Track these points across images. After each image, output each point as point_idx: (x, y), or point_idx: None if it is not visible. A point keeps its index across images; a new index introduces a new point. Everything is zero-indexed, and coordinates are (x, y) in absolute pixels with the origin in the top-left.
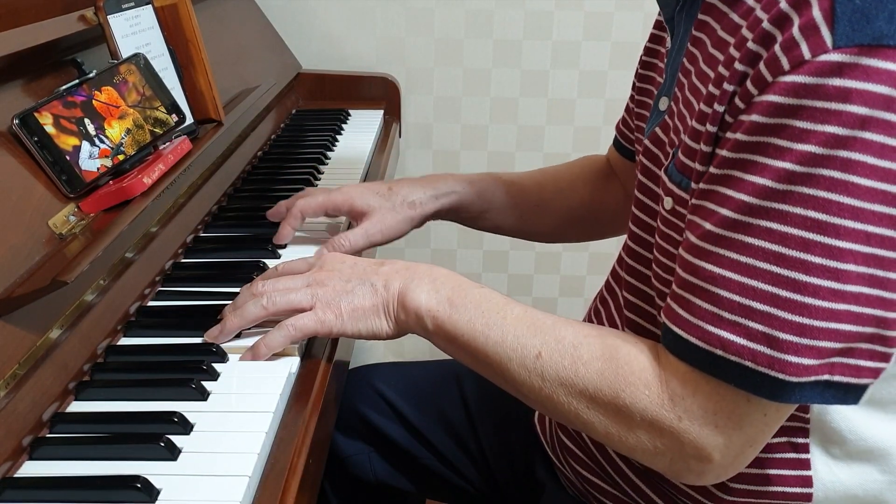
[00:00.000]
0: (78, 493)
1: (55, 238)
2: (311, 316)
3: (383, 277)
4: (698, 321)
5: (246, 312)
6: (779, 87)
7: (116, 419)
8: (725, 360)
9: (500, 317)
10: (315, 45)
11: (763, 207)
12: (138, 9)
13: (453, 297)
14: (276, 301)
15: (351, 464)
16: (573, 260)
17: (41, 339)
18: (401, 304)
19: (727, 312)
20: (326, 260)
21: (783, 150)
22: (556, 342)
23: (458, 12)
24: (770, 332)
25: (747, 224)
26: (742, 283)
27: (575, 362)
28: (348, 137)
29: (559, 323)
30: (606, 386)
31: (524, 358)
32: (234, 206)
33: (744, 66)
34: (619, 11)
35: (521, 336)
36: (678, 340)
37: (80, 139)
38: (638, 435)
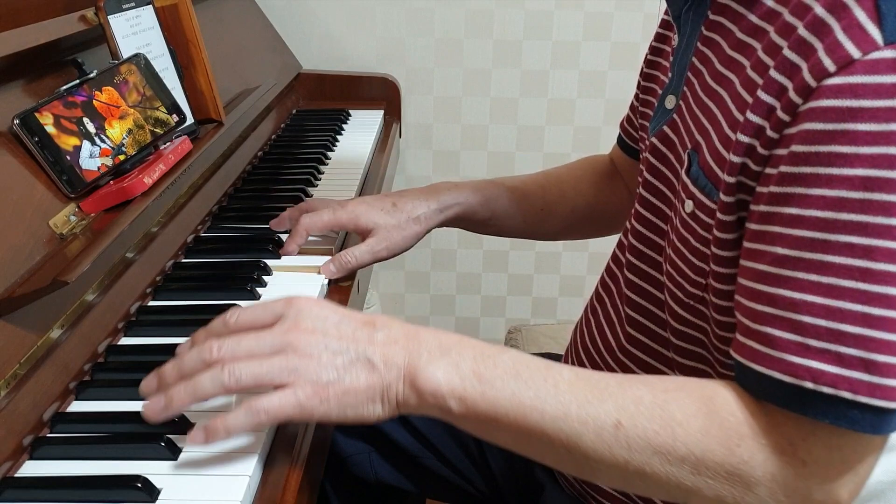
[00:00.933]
0: (78, 493)
1: (56, 238)
2: (289, 398)
3: (381, 350)
4: (781, 353)
5: (199, 388)
6: (828, 90)
7: (117, 419)
8: (818, 393)
9: (551, 385)
10: (315, 45)
11: (840, 221)
12: (139, 9)
13: (479, 369)
14: (240, 377)
15: (351, 463)
16: (573, 260)
17: (42, 339)
18: (410, 386)
19: (814, 340)
20: (300, 312)
21: (850, 157)
22: (635, 404)
23: (458, 12)
24: (866, 356)
25: (824, 241)
26: (827, 306)
27: (668, 424)
28: (348, 137)
29: (624, 381)
30: (717, 444)
31: (600, 430)
32: (235, 206)
33: (780, 76)
34: (619, 11)
35: (587, 404)
36: (762, 379)
37: (80, 139)
38: (758, 492)
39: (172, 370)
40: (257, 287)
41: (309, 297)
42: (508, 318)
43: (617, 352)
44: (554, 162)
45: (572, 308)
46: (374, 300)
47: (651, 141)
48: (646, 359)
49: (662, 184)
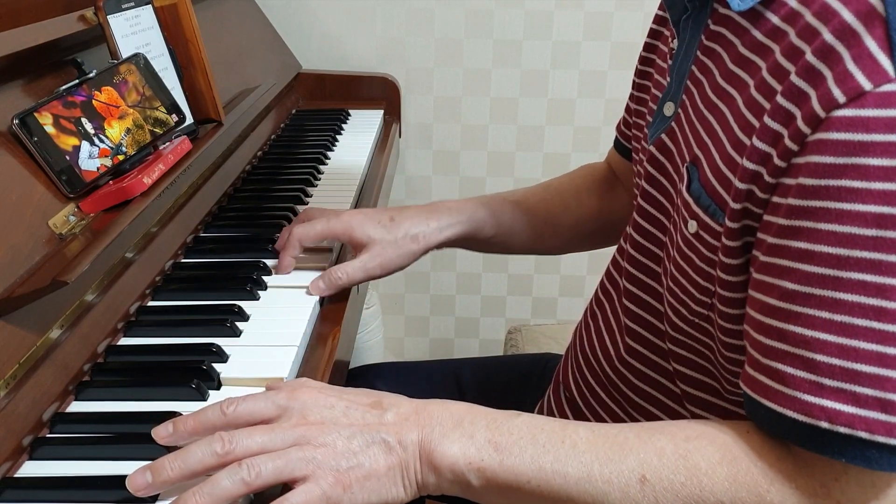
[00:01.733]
0: (78, 493)
1: (55, 238)
2: (314, 490)
3: (394, 430)
4: (794, 392)
5: (218, 488)
6: (838, 122)
7: (117, 419)
8: (834, 433)
9: (570, 445)
10: (315, 45)
11: (852, 258)
12: (138, 9)
13: (494, 437)
14: (260, 472)
15: None
16: (573, 260)
17: (41, 339)
18: (427, 463)
19: (828, 379)
20: (304, 405)
21: (861, 193)
22: (658, 457)
23: (458, 12)
24: (882, 396)
25: (835, 278)
26: (841, 345)
27: (694, 475)
28: (348, 137)
29: (643, 432)
30: (746, 492)
31: (626, 487)
32: (235, 206)
33: (788, 103)
34: (619, 11)
35: (609, 462)
36: (773, 416)
37: (79, 139)
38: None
39: (174, 465)
40: (257, 287)
41: (309, 387)
42: (508, 319)
43: (616, 361)
44: (554, 162)
45: (572, 308)
46: (374, 300)
47: (649, 150)
48: (644, 370)
49: (661, 194)
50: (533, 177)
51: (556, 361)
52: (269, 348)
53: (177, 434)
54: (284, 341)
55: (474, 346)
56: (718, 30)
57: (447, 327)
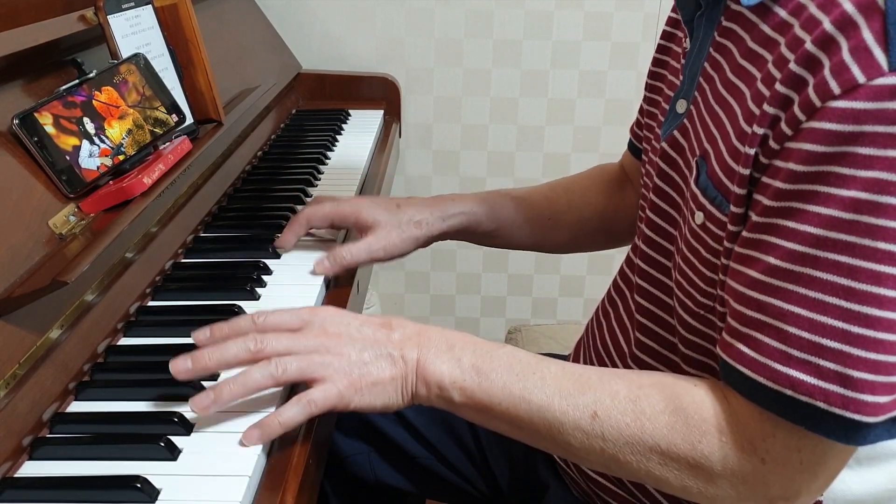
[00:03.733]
0: (78, 493)
1: (55, 238)
2: (331, 389)
3: (398, 346)
4: (766, 360)
5: (250, 380)
6: (832, 112)
7: (116, 419)
8: (796, 400)
9: (539, 378)
10: (315, 45)
11: (830, 239)
12: (138, 9)
13: (477, 363)
14: (286, 369)
15: (351, 464)
16: (573, 260)
17: (41, 339)
18: (421, 378)
19: (796, 350)
20: (325, 320)
21: (847, 179)
22: (611, 398)
23: (458, 12)
24: (843, 371)
25: (814, 257)
26: (811, 320)
27: (638, 418)
28: (348, 137)
29: (605, 375)
30: (680, 439)
31: (578, 420)
32: (235, 207)
33: (786, 90)
34: (619, 11)
35: (568, 396)
36: (744, 380)
37: (79, 139)
38: (720, 485)
39: (213, 356)
40: (257, 287)
41: (329, 307)
42: (508, 319)
43: (627, 357)
44: (554, 162)
45: (572, 308)
46: (374, 300)
47: (661, 146)
48: (655, 365)
49: (673, 189)
50: (533, 177)
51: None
52: None
53: (213, 337)
54: None
55: None
56: (730, 26)
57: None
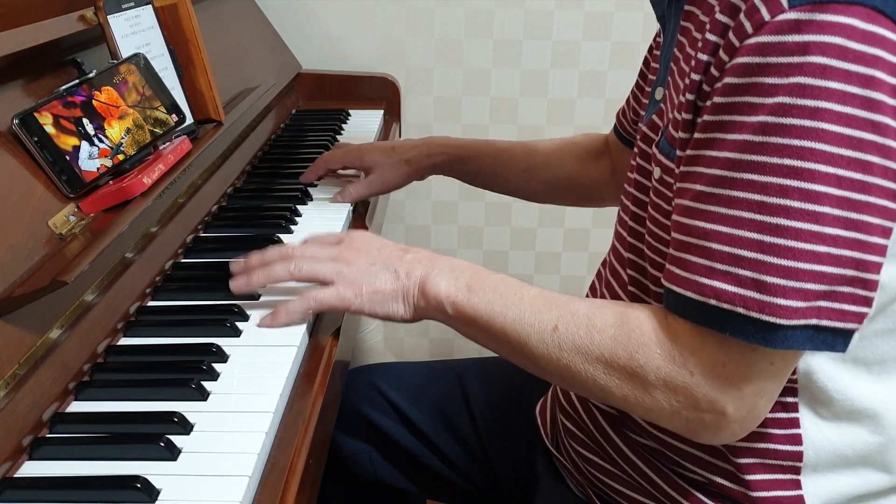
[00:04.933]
0: (78, 493)
1: (55, 238)
2: (333, 291)
3: (406, 265)
4: (693, 276)
5: (272, 271)
6: (745, 48)
7: (116, 419)
8: (719, 309)
9: (517, 297)
10: (315, 45)
11: (744, 161)
12: (138, 9)
13: (471, 282)
14: (301, 268)
15: (352, 463)
16: (573, 260)
17: (41, 339)
18: (421, 291)
19: (718, 263)
20: (356, 237)
21: (756, 106)
22: (571, 315)
23: (458, 12)
24: (758, 277)
25: (732, 179)
26: (730, 234)
27: (590, 331)
28: (348, 137)
29: (573, 299)
30: (621, 349)
31: (542, 332)
32: (234, 206)
33: (715, 37)
34: (619, 11)
35: (537, 312)
36: (677, 298)
37: (79, 139)
38: (654, 395)
39: (257, 258)
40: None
41: (366, 231)
42: None
43: None
44: None
45: None
46: None
47: (642, 130)
48: None
49: (650, 165)
50: None
51: None
52: (269, 348)
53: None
54: (284, 341)
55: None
56: (690, 9)
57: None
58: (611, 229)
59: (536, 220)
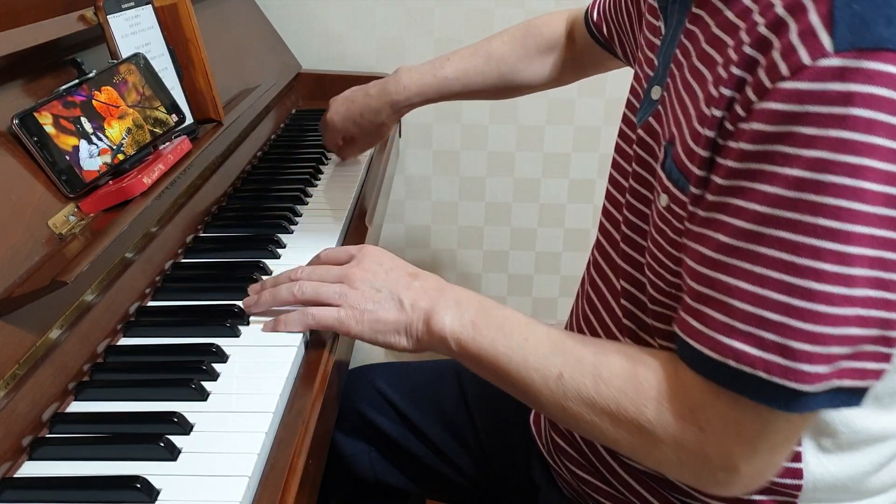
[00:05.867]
0: (78, 494)
1: (55, 238)
2: (334, 313)
3: (412, 295)
4: (712, 332)
5: (278, 294)
6: (780, 93)
7: (116, 419)
8: (738, 371)
9: (523, 338)
10: (315, 45)
11: (773, 216)
12: (138, 9)
13: (476, 319)
14: (305, 291)
15: (351, 463)
16: (573, 260)
17: (41, 340)
18: (426, 326)
19: (740, 323)
20: (366, 256)
21: (790, 158)
22: (577, 362)
23: (458, 12)
24: (783, 342)
25: (759, 234)
26: (755, 294)
27: (596, 381)
28: None
29: (579, 342)
30: (629, 402)
31: (547, 379)
32: (234, 206)
33: (741, 71)
34: None
35: (542, 357)
36: (692, 352)
37: (79, 139)
38: (663, 450)
39: (270, 279)
40: None
41: (378, 248)
42: None
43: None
44: (554, 161)
45: None
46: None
47: (638, 133)
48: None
49: (650, 174)
50: (533, 177)
51: None
52: (268, 348)
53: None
54: (284, 341)
55: None
56: (698, 12)
57: None
58: None
59: (536, 220)
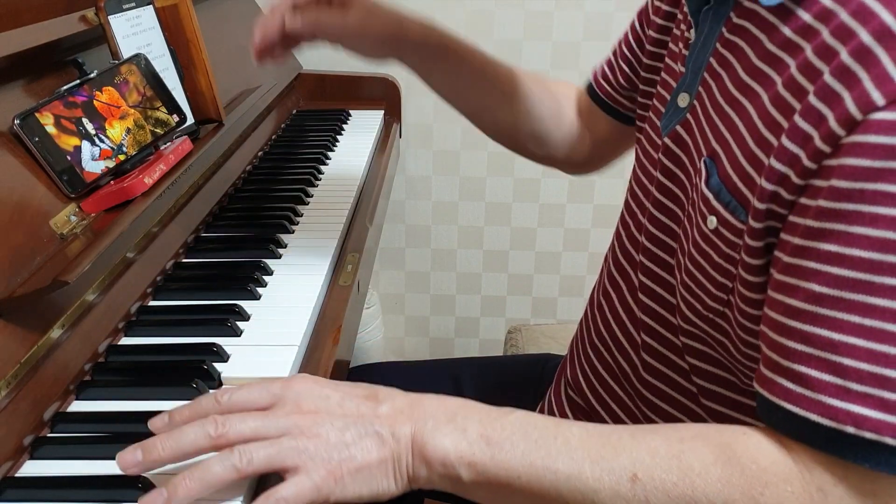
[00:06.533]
0: (79, 493)
1: (56, 238)
2: (305, 482)
3: (388, 423)
4: (818, 395)
5: (209, 474)
6: (876, 125)
7: (117, 419)
8: (861, 438)
9: (562, 442)
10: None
11: (886, 262)
12: (139, 9)
13: (486, 432)
14: (251, 459)
15: None
16: (573, 260)
17: (42, 339)
18: (419, 456)
19: (855, 384)
20: (299, 394)
21: (890, 196)
22: (651, 456)
23: (458, 12)
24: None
25: (869, 283)
26: (869, 350)
27: (686, 475)
28: (348, 138)
29: (637, 432)
30: (739, 494)
31: (616, 486)
32: (235, 206)
33: (820, 103)
34: (619, 11)
35: (601, 460)
36: (795, 420)
37: (80, 139)
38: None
39: (166, 445)
40: (257, 287)
41: (305, 378)
42: (508, 318)
43: (632, 355)
44: None
45: (572, 308)
46: (374, 300)
47: (664, 142)
48: (658, 366)
49: (676, 187)
50: (533, 177)
51: (556, 362)
52: (269, 348)
53: (172, 423)
54: (285, 341)
55: (474, 345)
56: (742, 23)
57: (447, 327)
58: (611, 229)
59: (536, 220)
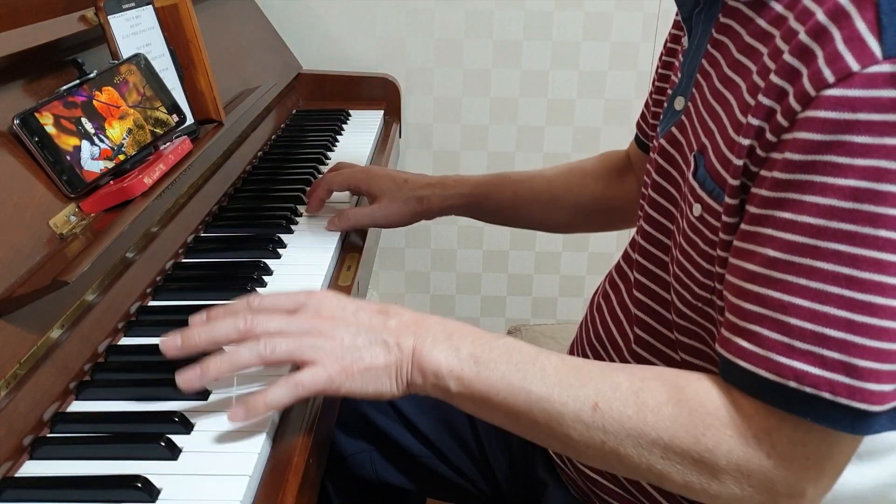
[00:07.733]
0: (78, 493)
1: (56, 238)
2: (321, 372)
3: (394, 334)
4: (767, 352)
5: (237, 358)
6: (826, 101)
7: (117, 419)
8: (801, 392)
9: (539, 368)
10: (315, 46)
11: (829, 229)
12: (139, 9)
13: (476, 352)
14: (275, 349)
15: (352, 463)
16: (573, 260)
17: (42, 339)
18: (417, 366)
19: (799, 342)
20: (320, 302)
21: (844, 168)
22: (613, 389)
23: (458, 12)
24: (847, 360)
25: (814, 247)
26: (813, 310)
27: (641, 409)
28: (348, 138)
29: (606, 368)
30: (684, 432)
31: (579, 411)
32: (235, 206)
33: (781, 81)
34: (619, 11)
35: (569, 387)
36: (746, 375)
37: (80, 139)
38: (723, 480)
39: (202, 335)
40: (258, 287)
41: (326, 291)
42: (508, 318)
43: (625, 352)
44: (554, 162)
45: (572, 308)
46: (374, 300)
47: (660, 142)
48: (653, 360)
49: (670, 185)
50: None
51: None
52: None
53: (209, 320)
54: None
55: None
56: (727, 22)
57: None
58: None
59: None
